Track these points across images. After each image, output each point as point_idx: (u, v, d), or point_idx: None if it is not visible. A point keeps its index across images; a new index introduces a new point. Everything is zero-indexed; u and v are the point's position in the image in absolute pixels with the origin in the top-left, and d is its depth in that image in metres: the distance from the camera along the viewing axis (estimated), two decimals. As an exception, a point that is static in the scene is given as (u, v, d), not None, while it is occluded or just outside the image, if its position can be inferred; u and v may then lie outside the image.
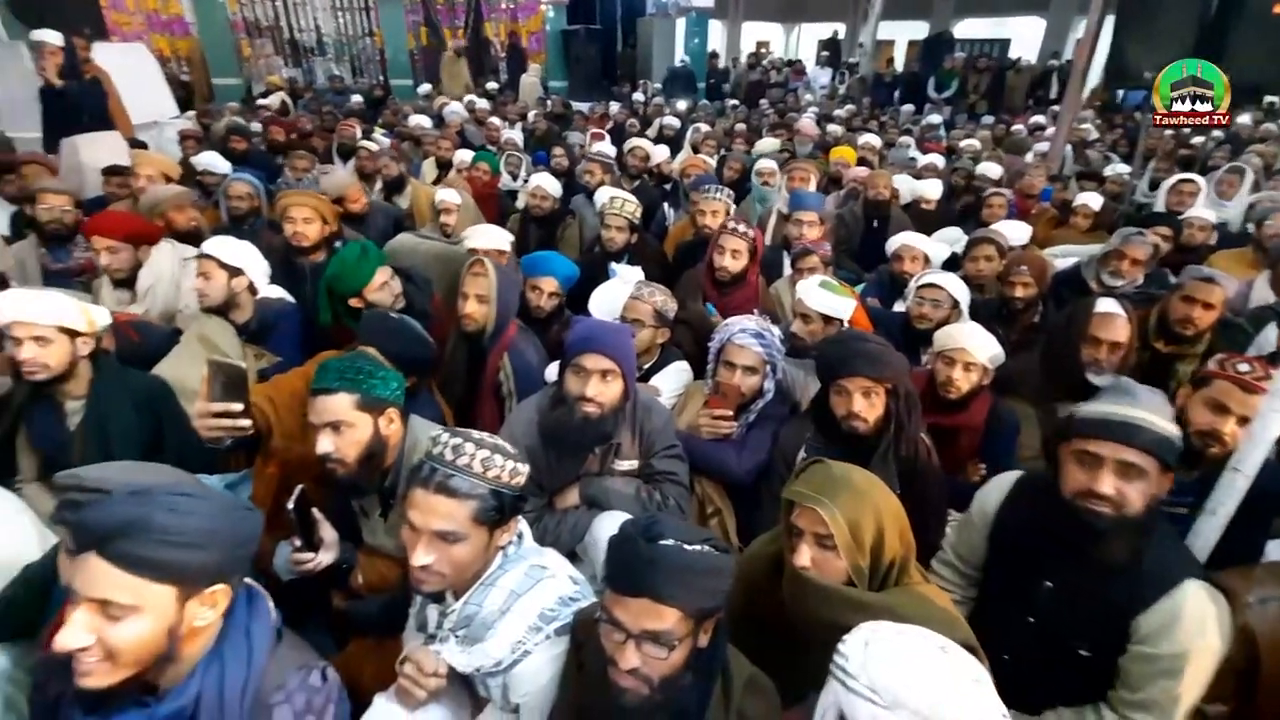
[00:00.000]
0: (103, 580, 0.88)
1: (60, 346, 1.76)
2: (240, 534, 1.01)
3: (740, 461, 1.92)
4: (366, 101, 8.84)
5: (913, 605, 1.20)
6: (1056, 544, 1.38)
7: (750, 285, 2.72)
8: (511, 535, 1.27)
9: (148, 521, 0.90)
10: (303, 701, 1.04)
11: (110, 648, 0.89)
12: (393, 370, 1.55)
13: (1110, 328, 2.18)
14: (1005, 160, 5.89)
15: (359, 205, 3.55)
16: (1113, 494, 1.26)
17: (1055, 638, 1.39)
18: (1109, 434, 1.27)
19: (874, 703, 0.81)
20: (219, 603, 0.99)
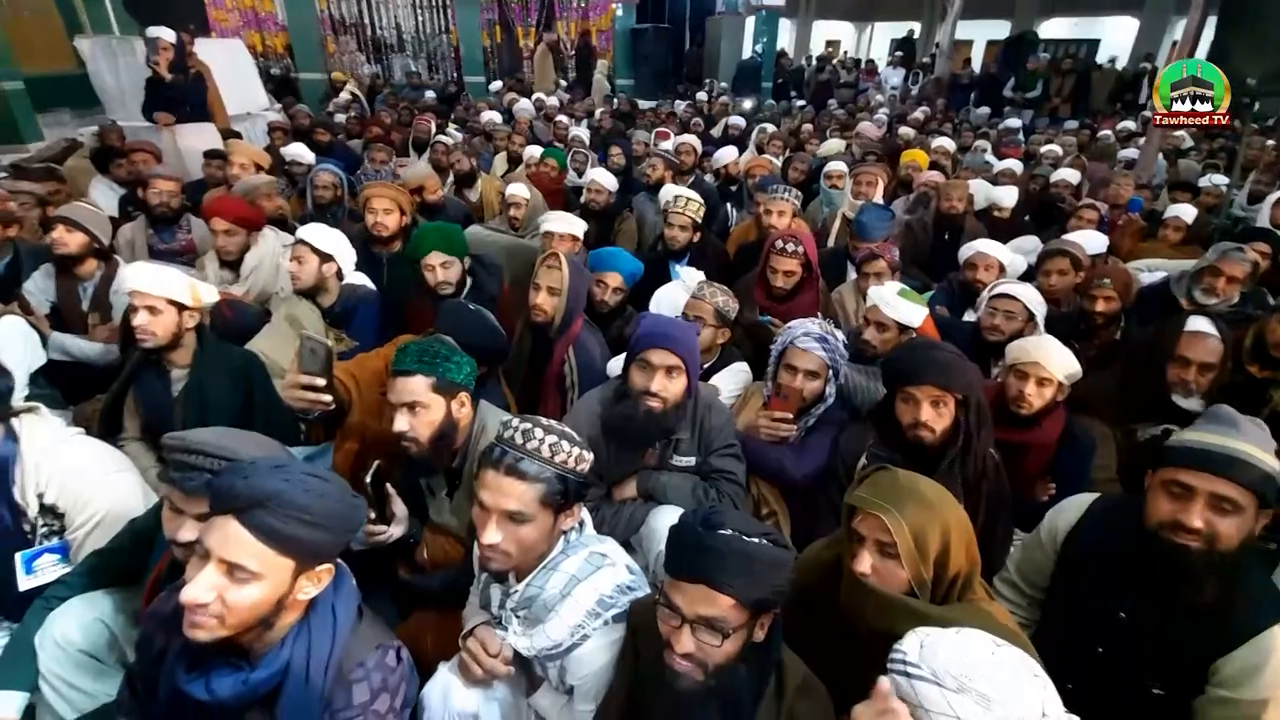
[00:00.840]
0: (237, 545, 0.96)
1: (168, 317, 1.92)
2: (352, 521, 1.08)
3: (798, 465, 1.91)
4: (440, 97, 9.14)
5: (975, 621, 1.16)
6: (1135, 575, 1.32)
7: (811, 291, 2.68)
8: (575, 521, 1.31)
9: (288, 498, 0.97)
10: (379, 680, 1.10)
11: (227, 606, 0.96)
12: (467, 357, 1.61)
13: (1200, 348, 2.07)
14: (1089, 168, 5.61)
15: (436, 196, 3.68)
16: (1202, 528, 1.21)
17: (1126, 672, 1.33)
18: (1206, 465, 1.21)
19: (941, 686, 0.81)
20: (323, 580, 1.06)
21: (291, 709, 1.03)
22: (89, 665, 1.42)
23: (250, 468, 1.01)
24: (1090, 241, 3.26)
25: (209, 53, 5.61)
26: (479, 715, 1.30)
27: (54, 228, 2.61)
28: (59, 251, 2.60)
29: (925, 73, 12.79)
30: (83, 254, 2.62)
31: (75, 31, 8.15)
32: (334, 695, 1.07)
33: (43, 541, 1.56)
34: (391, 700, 1.11)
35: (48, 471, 1.54)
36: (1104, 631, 1.36)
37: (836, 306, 2.88)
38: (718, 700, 1.05)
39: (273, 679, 1.03)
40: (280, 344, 2.37)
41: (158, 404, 2.02)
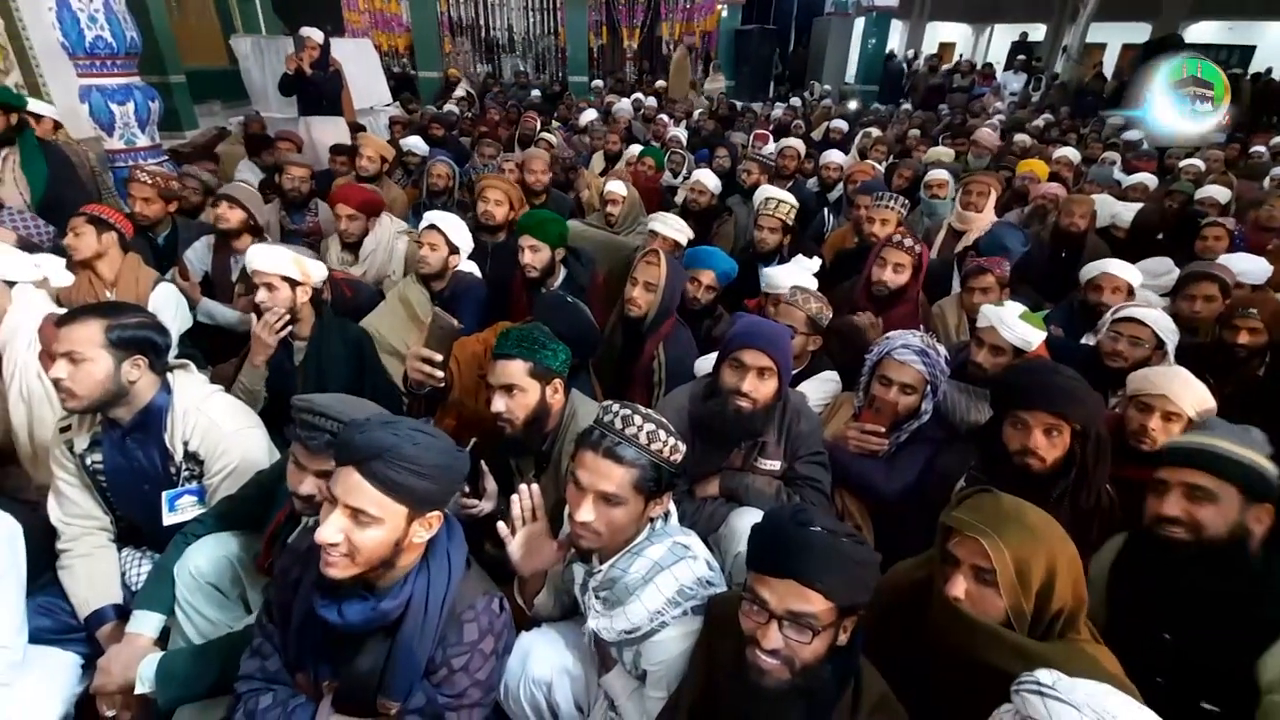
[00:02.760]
0: (359, 492, 1.08)
1: (284, 292, 2.10)
2: (457, 472, 1.19)
3: (888, 480, 1.85)
4: (545, 96, 9.45)
5: (1080, 664, 1.10)
6: (1167, 592, 1.33)
7: (910, 302, 2.59)
8: (663, 510, 1.34)
9: (400, 450, 1.09)
10: (486, 622, 1.22)
11: (354, 546, 1.09)
12: (562, 345, 1.67)
13: (1370, 392, 1.83)
14: (1239, 185, 5.05)
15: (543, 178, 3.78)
16: (1180, 515, 1.29)
17: (1184, 695, 1.27)
18: (1176, 460, 1.33)
19: (1082, 714, 0.81)
20: (434, 526, 1.17)
21: (411, 636, 1.16)
22: (215, 596, 1.58)
23: (367, 424, 1.12)
24: (1250, 268, 2.93)
25: (342, 51, 6.06)
26: (552, 685, 1.36)
27: (218, 204, 2.90)
28: (221, 226, 2.88)
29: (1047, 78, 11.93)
30: (240, 229, 2.90)
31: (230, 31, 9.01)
32: (447, 630, 1.19)
33: (184, 484, 1.74)
34: (495, 643, 1.23)
35: (193, 422, 1.71)
36: (1156, 659, 1.31)
37: (936, 320, 2.76)
38: (801, 700, 1.04)
39: (397, 608, 1.15)
40: (391, 322, 2.54)
41: (282, 371, 2.21)
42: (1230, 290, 2.67)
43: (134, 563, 1.79)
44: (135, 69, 4.11)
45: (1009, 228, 3.32)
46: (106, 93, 3.97)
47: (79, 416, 1.67)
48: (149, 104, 4.13)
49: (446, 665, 1.19)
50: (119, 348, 1.57)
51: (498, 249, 3.09)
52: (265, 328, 2.03)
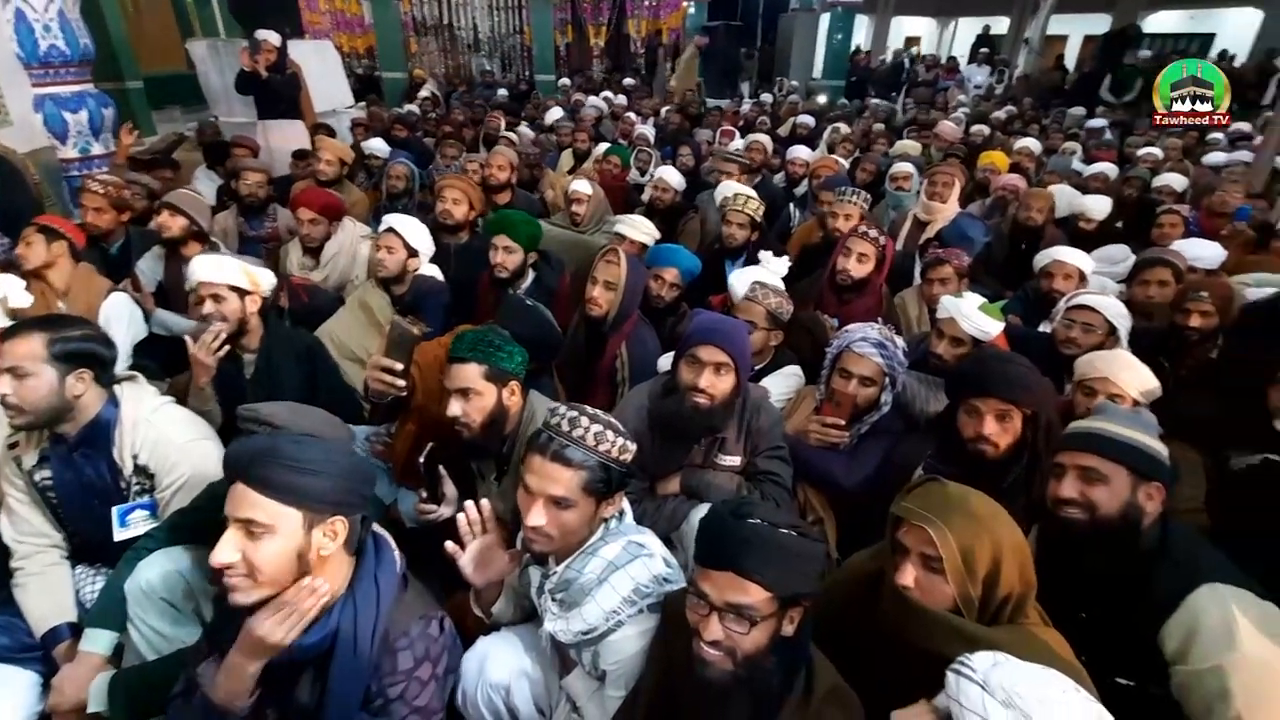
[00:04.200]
0: (245, 502, 1.04)
1: (232, 303, 2.05)
2: (355, 470, 1.14)
3: (848, 472, 1.87)
4: (512, 95, 9.38)
5: (1027, 647, 1.11)
6: (1073, 572, 1.38)
7: (874, 294, 2.62)
8: (615, 510, 1.33)
9: (279, 450, 1.06)
10: (423, 648, 1.17)
11: (251, 563, 1.05)
12: (518, 347, 1.66)
13: (1310, 370, 1.89)
14: (1194, 173, 5.18)
15: (502, 175, 3.76)
16: (1075, 496, 1.34)
17: (1104, 672, 1.29)
18: (1071, 445, 1.39)
19: (986, 691, 0.81)
20: (339, 534, 1.12)
21: (341, 672, 1.11)
22: (168, 611, 1.55)
23: (248, 438, 1.10)
24: (1204, 253, 2.99)
25: (301, 53, 5.95)
26: (510, 688, 1.35)
27: (160, 212, 2.84)
28: (164, 234, 2.83)
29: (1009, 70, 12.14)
30: (184, 237, 2.84)
31: (187, 35, 8.81)
32: (381, 660, 1.14)
33: (135, 498, 1.70)
34: (434, 668, 1.18)
35: (142, 435, 1.68)
36: (1078, 639, 1.32)
37: (899, 311, 2.79)
38: (745, 691, 1.05)
39: (322, 644, 1.11)
40: (352, 328, 2.51)
41: (233, 385, 2.17)
42: (1183, 275, 2.74)
43: (87, 580, 1.76)
44: (89, 76, 4.05)
45: (971, 219, 3.37)
46: (60, 101, 3.92)
47: (26, 433, 1.63)
48: (103, 111, 4.06)
49: (383, 696, 1.15)
50: (62, 361, 1.54)
51: (462, 250, 3.06)
52: (203, 348, 1.96)
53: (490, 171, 3.73)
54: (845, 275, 2.58)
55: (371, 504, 1.23)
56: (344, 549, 1.14)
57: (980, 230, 3.27)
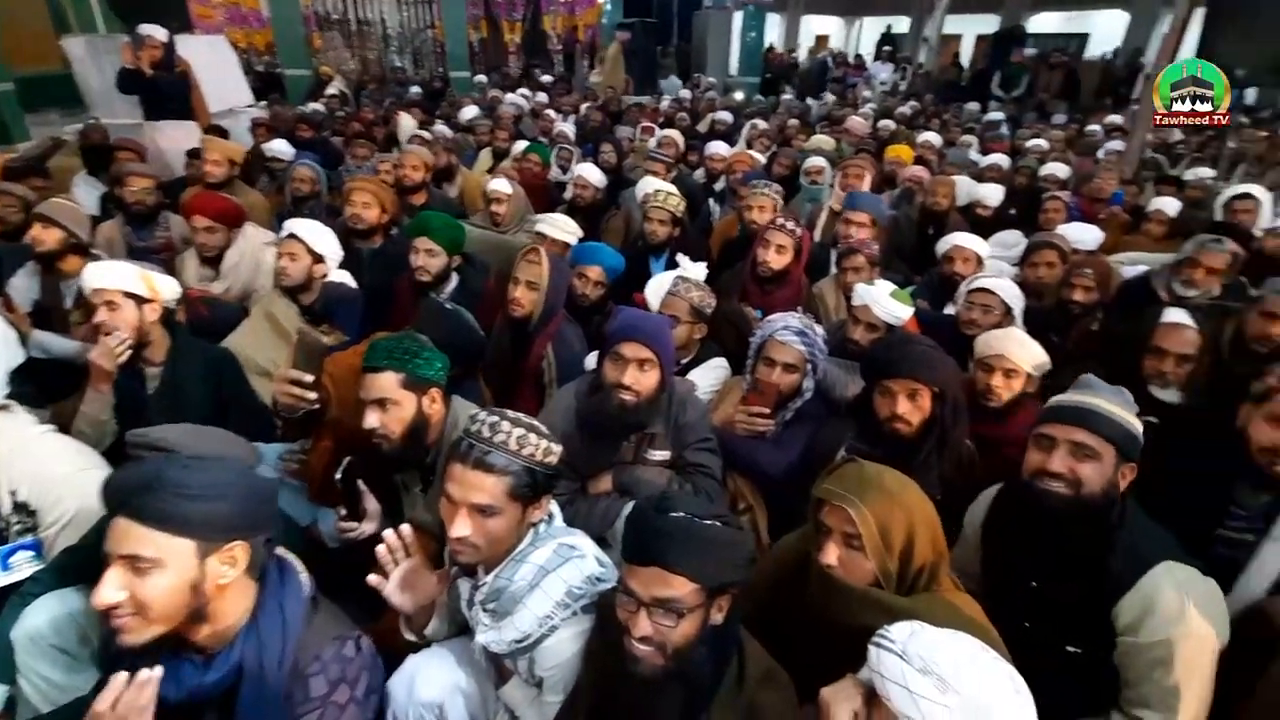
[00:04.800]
0: (128, 536, 0.96)
1: (129, 311, 1.90)
2: (253, 490, 1.06)
3: (775, 459, 1.92)
4: (426, 93, 9.09)
5: (942, 613, 1.18)
6: (1035, 543, 1.40)
7: (794, 284, 2.70)
8: (543, 513, 1.31)
9: (162, 477, 0.97)
10: (337, 671, 1.11)
11: (139, 601, 0.96)
12: (437, 352, 1.61)
13: (1176, 339, 2.08)
14: (1076, 162, 5.62)
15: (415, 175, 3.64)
16: (1065, 472, 1.33)
17: (1049, 639, 1.38)
18: (1065, 418, 1.36)
19: (904, 660, 0.84)
20: (239, 560, 1.04)
21: (249, 709, 1.04)
22: (60, 659, 1.43)
23: (128, 466, 1.02)
24: (1083, 235, 3.27)
25: (191, 49, 5.56)
26: (444, 707, 1.30)
27: (32, 224, 2.59)
28: (38, 249, 2.58)
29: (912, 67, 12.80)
30: (61, 250, 2.60)
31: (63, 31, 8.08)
32: (293, 689, 1.07)
33: (16, 538, 1.55)
34: (351, 690, 1.12)
35: (20, 469, 1.54)
36: (1025, 605, 1.42)
37: (818, 301, 2.89)
38: (678, 684, 1.06)
39: (225, 680, 1.03)
40: (258, 341, 2.37)
41: (134, 403, 2.01)
42: (1068, 256, 2.97)
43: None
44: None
45: (864, 194, 3.55)
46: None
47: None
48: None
49: None
50: None
51: (376, 254, 2.94)
52: (104, 353, 1.81)
53: (404, 172, 3.61)
54: (765, 267, 2.65)
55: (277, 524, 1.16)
56: (245, 575, 1.07)
57: (878, 202, 3.45)
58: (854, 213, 3.13)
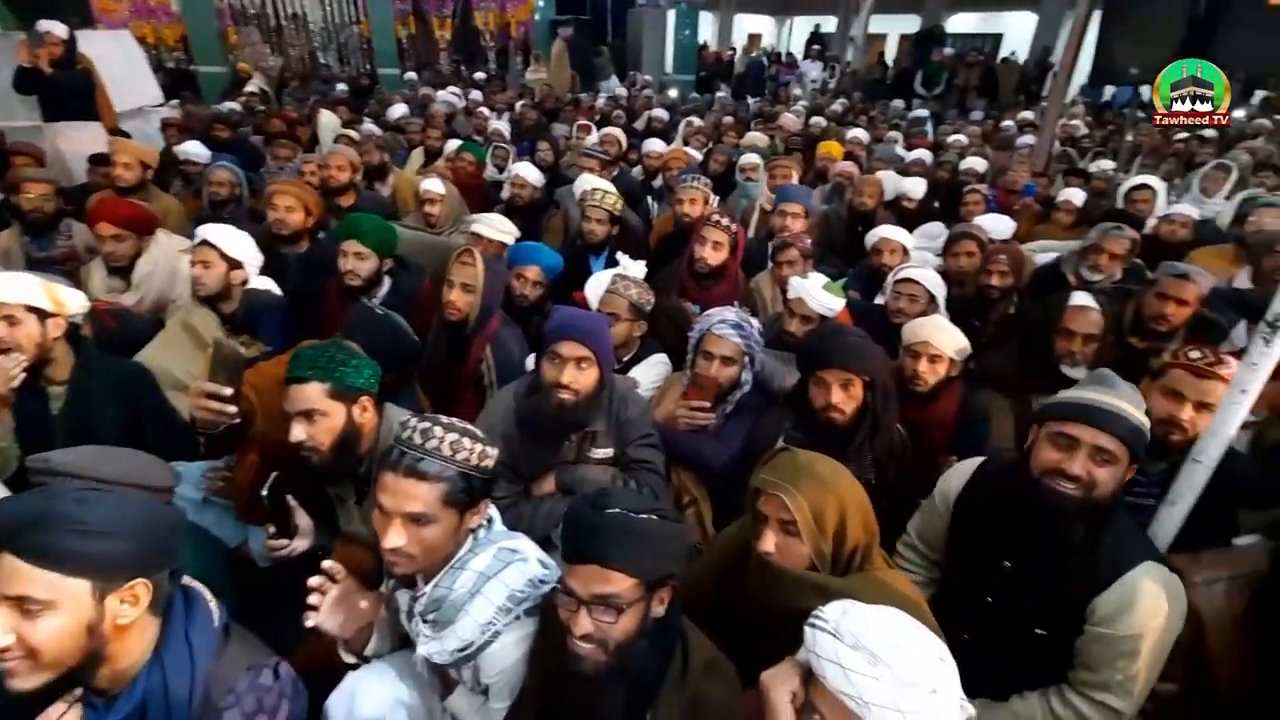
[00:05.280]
0: (16, 576, 0.88)
1: (30, 326, 1.76)
2: (157, 524, 1.00)
3: (716, 451, 1.95)
4: (353, 90, 8.78)
5: (875, 590, 1.23)
6: (1017, 525, 1.42)
7: (730, 278, 2.74)
8: (482, 519, 1.29)
9: (54, 512, 0.90)
10: (253, 702, 1.05)
11: (30, 646, 0.89)
12: (366, 359, 1.56)
13: (1083, 321, 2.22)
14: (993, 156, 5.93)
15: (342, 176, 3.52)
16: (1083, 475, 1.30)
17: (1012, 617, 1.43)
18: (1089, 419, 1.31)
19: (838, 638, 0.86)
20: (140, 598, 0.97)
21: None
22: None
23: (14, 497, 0.95)
24: (997, 226, 3.45)
25: (95, 46, 5.18)
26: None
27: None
28: None
29: (840, 66, 13.20)
30: (-55, 265, 2.39)
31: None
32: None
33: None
34: (271, 719, 1.07)
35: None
36: (992, 582, 1.47)
37: (755, 295, 2.95)
38: (622, 679, 1.06)
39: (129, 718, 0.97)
40: (176, 354, 2.24)
41: (36, 426, 1.86)
42: (986, 246, 3.12)
43: None
44: None
45: (793, 186, 3.65)
46: None
47: None
48: None
49: None
50: None
51: (302, 259, 2.82)
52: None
53: (329, 173, 3.47)
54: (702, 263, 2.68)
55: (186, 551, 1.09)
56: (148, 613, 1.00)
57: (806, 194, 3.55)
58: (786, 204, 3.23)
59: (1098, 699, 1.35)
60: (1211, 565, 1.41)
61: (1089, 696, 1.36)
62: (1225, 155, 5.79)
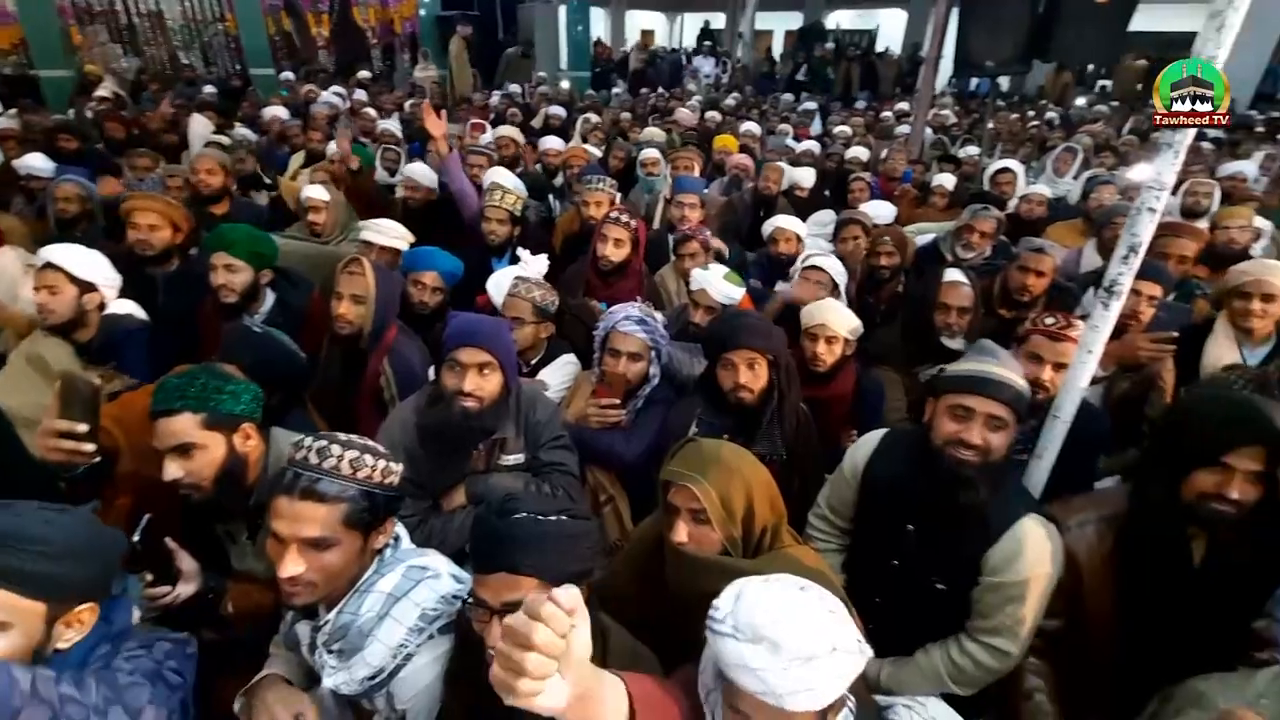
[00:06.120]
0: None
1: None
2: (110, 550, 0.99)
3: (629, 447, 1.96)
4: (222, 93, 8.13)
5: (783, 567, 1.26)
6: (920, 491, 1.52)
7: (634, 274, 2.76)
8: (388, 538, 1.24)
9: (26, 533, 0.87)
10: None
11: None
12: (244, 382, 1.45)
13: (956, 295, 2.41)
14: (875, 145, 6.29)
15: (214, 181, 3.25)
16: (980, 443, 1.41)
17: (917, 576, 1.55)
18: (980, 389, 1.42)
19: (737, 639, 0.86)
20: (86, 623, 0.96)
21: None
22: None
23: None
24: (879, 211, 3.67)
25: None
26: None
27: None
28: None
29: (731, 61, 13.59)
30: None
31: None
32: None
33: None
34: None
35: None
36: (897, 545, 1.57)
37: (660, 288, 2.99)
38: None
39: None
40: (19, 389, 2.00)
41: None
42: (870, 230, 3.32)
43: None
44: None
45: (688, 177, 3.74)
46: None
47: None
48: None
49: None
50: None
51: (172, 279, 2.59)
52: None
53: (199, 178, 3.20)
54: (605, 261, 2.68)
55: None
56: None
57: (700, 184, 3.65)
58: (682, 195, 3.31)
59: (989, 642, 1.47)
60: (1081, 509, 1.55)
61: (981, 641, 1.48)
62: (1071, 139, 6.46)
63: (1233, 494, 1.30)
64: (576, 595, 0.69)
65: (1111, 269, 1.54)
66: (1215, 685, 1.18)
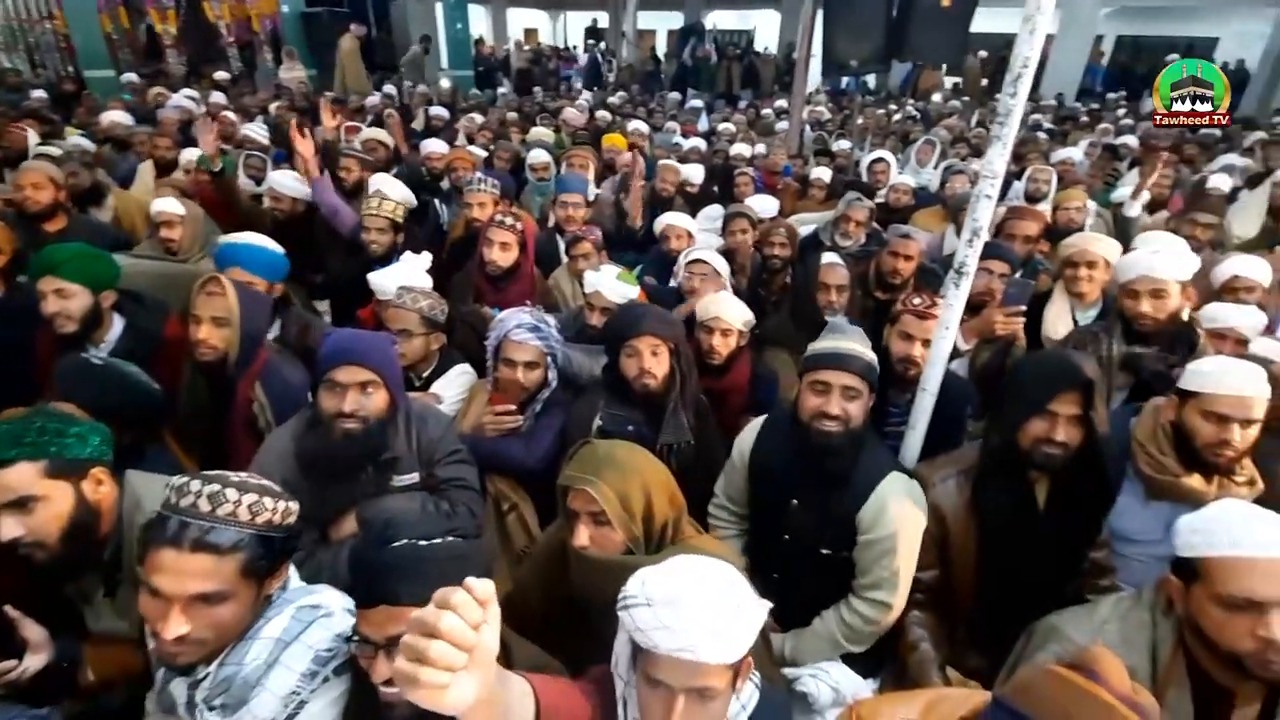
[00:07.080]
0: None
1: None
2: None
3: (529, 453, 1.94)
4: (53, 98, 7.22)
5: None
6: (798, 466, 1.64)
7: (525, 277, 2.72)
8: (281, 581, 1.15)
9: None
10: None
11: None
12: (89, 423, 1.30)
13: (833, 275, 2.57)
14: (758, 141, 6.55)
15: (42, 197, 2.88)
16: (840, 413, 1.55)
17: (805, 546, 1.66)
18: (835, 364, 1.57)
19: (650, 605, 0.88)
20: None
21: None
22: None
23: None
24: (764, 205, 3.83)
25: None
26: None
27: None
28: None
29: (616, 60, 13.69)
30: None
31: None
32: None
33: None
34: None
35: None
36: (785, 519, 1.68)
37: (555, 291, 2.96)
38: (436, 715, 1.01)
39: None
40: None
41: None
42: (756, 224, 3.45)
43: None
44: None
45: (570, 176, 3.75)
46: None
47: None
48: None
49: None
50: None
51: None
52: None
53: (25, 195, 2.82)
54: (493, 265, 2.62)
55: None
56: None
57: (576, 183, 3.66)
58: (566, 195, 3.30)
59: (871, 596, 1.61)
60: (943, 465, 1.71)
61: (865, 597, 1.62)
62: (930, 132, 7.03)
63: (1059, 436, 1.48)
64: (490, 586, 0.65)
65: (959, 252, 1.69)
66: (1067, 618, 1.33)
